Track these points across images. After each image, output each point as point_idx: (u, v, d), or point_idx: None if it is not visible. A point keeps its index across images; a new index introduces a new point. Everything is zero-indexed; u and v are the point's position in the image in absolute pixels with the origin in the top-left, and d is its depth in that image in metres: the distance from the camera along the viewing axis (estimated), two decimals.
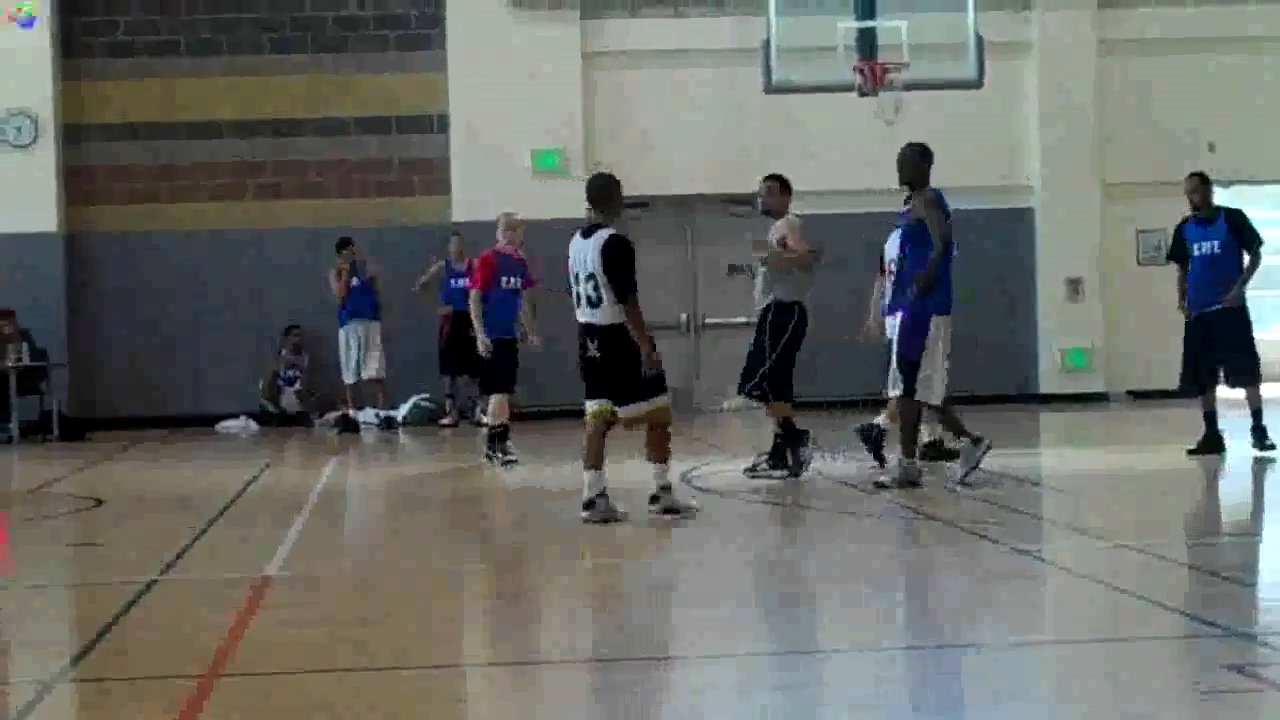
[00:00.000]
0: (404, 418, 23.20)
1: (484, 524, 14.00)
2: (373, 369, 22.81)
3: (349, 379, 22.79)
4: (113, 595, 10.13)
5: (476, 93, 23.80)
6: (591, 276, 12.29)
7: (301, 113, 24.08)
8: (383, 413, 22.95)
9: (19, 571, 11.60)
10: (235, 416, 23.25)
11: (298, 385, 23.72)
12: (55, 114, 23.69)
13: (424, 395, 23.27)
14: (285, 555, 11.40)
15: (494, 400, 17.19)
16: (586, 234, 12.51)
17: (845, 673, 7.76)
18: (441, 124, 24.00)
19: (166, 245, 23.85)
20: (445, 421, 22.97)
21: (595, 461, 12.36)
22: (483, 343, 16.73)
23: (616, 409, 12.35)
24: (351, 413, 22.76)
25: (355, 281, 22.81)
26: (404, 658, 8.19)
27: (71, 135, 23.95)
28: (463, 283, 23.16)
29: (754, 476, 14.79)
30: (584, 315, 12.41)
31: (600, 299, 12.29)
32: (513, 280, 17.16)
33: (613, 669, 7.89)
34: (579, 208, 23.56)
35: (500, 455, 16.92)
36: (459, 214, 23.71)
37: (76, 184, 23.99)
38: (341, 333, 22.85)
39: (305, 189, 24.08)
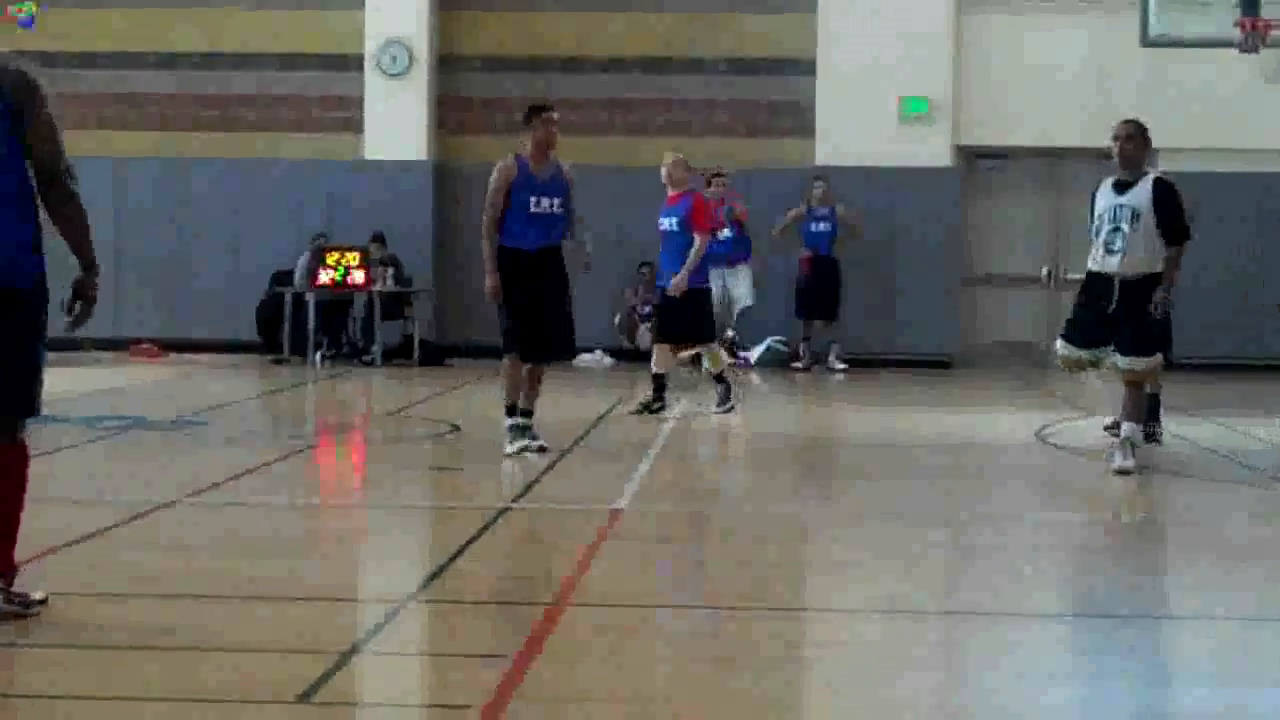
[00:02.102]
0: (757, 359, 23.22)
1: (838, 469, 13.94)
2: (738, 307, 22.78)
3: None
4: (466, 520, 10.31)
5: (846, 37, 23.62)
6: (1120, 226, 12.20)
7: (671, 51, 24.18)
8: (743, 354, 22.99)
9: (379, 491, 11.88)
10: (590, 350, 23.48)
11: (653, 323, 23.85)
12: (429, 44, 24.14)
13: (778, 338, 23.25)
14: (635, 490, 11.48)
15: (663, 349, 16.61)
16: (1121, 187, 12.35)
17: None
18: (809, 67, 23.88)
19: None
20: (798, 365, 22.94)
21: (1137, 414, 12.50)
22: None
23: (1118, 358, 12.27)
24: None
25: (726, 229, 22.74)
26: (743, 598, 8.17)
27: (444, 65, 24.40)
28: (822, 226, 23.12)
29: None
30: (1103, 265, 12.22)
31: (1127, 247, 12.15)
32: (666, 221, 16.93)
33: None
34: (943, 156, 23.65)
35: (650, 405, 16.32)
36: (822, 158, 23.60)
37: (447, 114, 24.44)
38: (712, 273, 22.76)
39: (671, 127, 24.17)
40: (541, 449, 12.82)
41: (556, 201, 13.05)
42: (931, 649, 7.36)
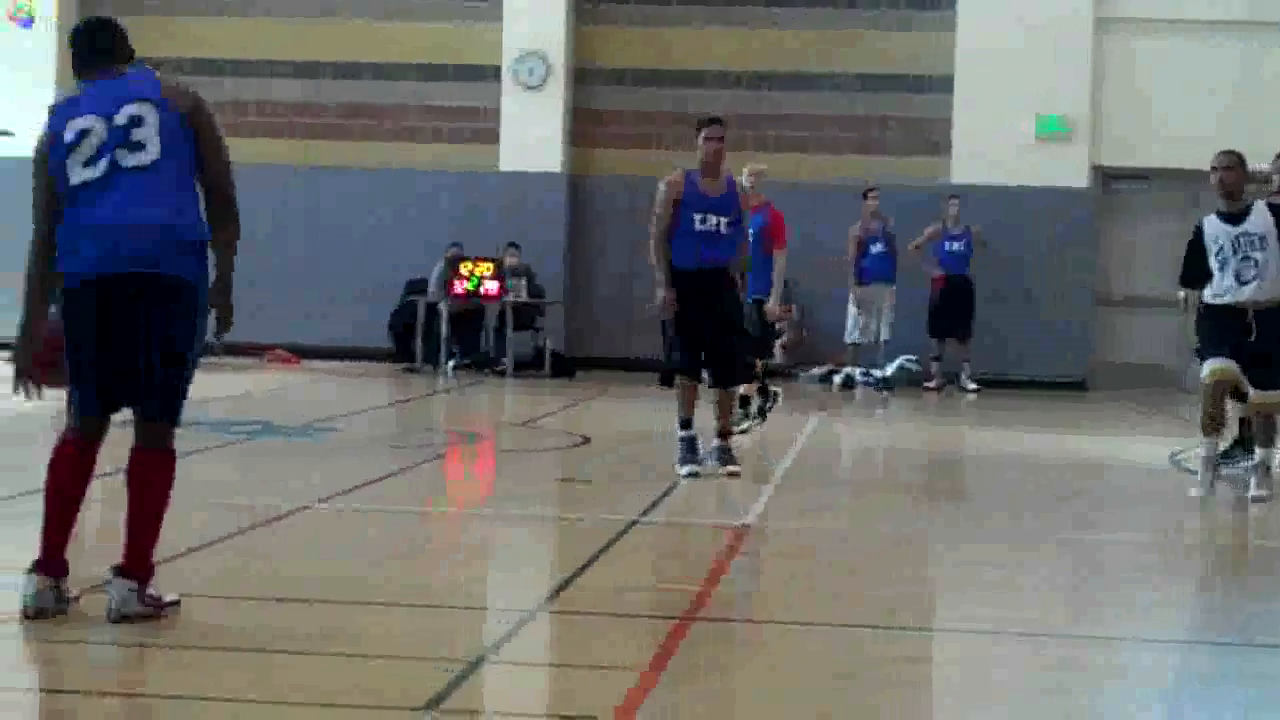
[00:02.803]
0: (890, 378, 23.10)
1: (968, 489, 13.84)
2: (884, 332, 22.65)
3: (856, 339, 22.65)
4: (596, 532, 10.31)
5: (984, 54, 23.46)
6: (1250, 255, 12.04)
7: (805, 66, 24.11)
8: (876, 373, 22.89)
9: (508, 501, 11.91)
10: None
11: (784, 338, 23.79)
12: (566, 57, 24.22)
13: (910, 356, 23.11)
14: (763, 506, 11.44)
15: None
16: (1232, 218, 12.21)
17: None
18: (945, 85, 23.74)
19: None
20: (930, 385, 22.79)
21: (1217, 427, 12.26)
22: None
23: (1253, 391, 12.09)
24: (850, 370, 22.67)
25: (878, 244, 22.64)
26: (870, 616, 8.11)
27: (580, 78, 24.47)
28: (957, 246, 22.97)
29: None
30: (1236, 296, 12.08)
31: (1260, 275, 12.03)
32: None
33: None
34: (1081, 176, 23.43)
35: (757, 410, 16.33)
36: (957, 176, 23.46)
37: (581, 126, 24.51)
38: (857, 292, 22.65)
39: (802, 143, 24.11)
40: (732, 474, 12.39)
41: (724, 220, 12.46)
42: (1057, 672, 7.26)
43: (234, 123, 24.65)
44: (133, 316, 7.17)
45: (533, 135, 24.16)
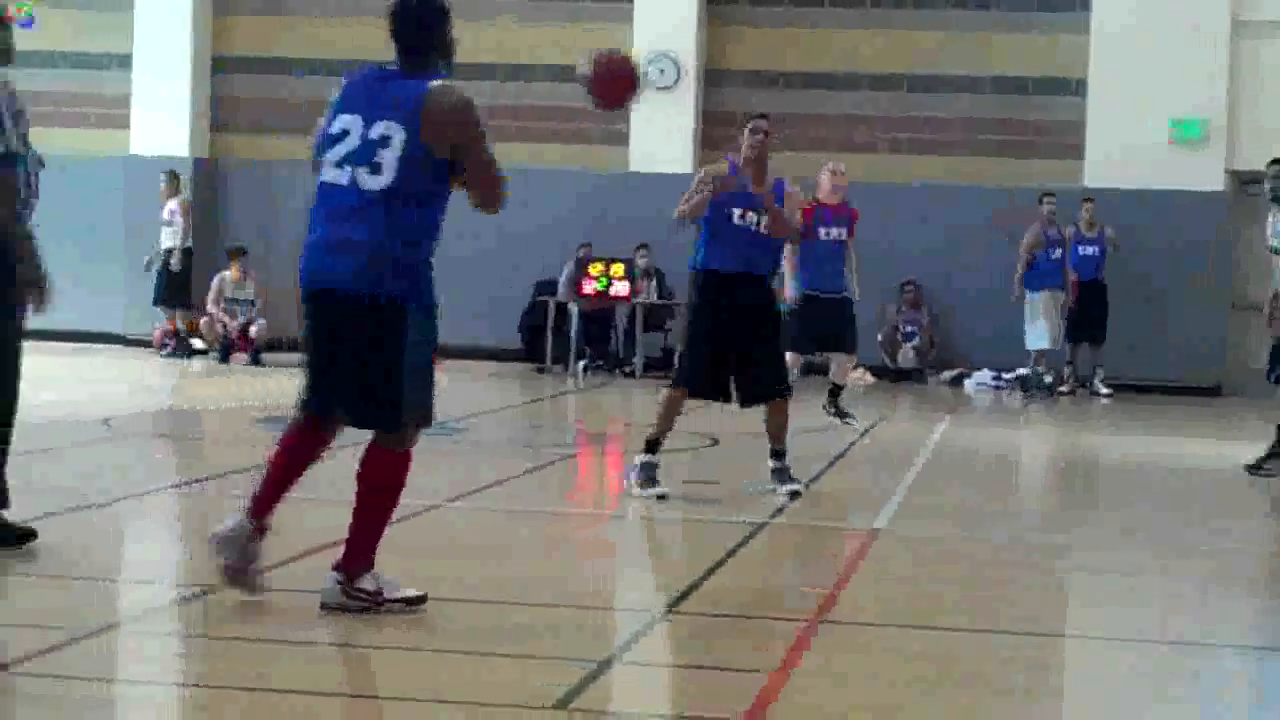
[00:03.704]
0: (1020, 381, 22.95)
1: (1100, 494, 13.74)
2: (1055, 338, 22.48)
3: (1038, 346, 22.48)
4: (725, 533, 10.32)
5: (1119, 57, 23.24)
6: None
7: (936, 68, 23.99)
8: (1007, 376, 22.76)
9: (637, 502, 11.92)
10: (859, 368, 23.32)
11: (916, 341, 23.71)
12: (697, 58, 24.23)
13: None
14: (893, 510, 11.40)
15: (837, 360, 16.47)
16: None
17: None
18: (1079, 88, 23.55)
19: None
20: (1063, 389, 22.60)
21: None
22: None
23: None
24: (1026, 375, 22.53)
25: (1056, 250, 22.46)
26: (1000, 621, 8.07)
27: (710, 79, 24.48)
28: (1091, 250, 22.76)
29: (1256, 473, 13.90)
30: None
31: None
32: (834, 231, 16.34)
33: None
34: (1216, 180, 23.17)
35: (836, 411, 16.34)
36: (1090, 180, 23.26)
37: (712, 127, 24.49)
38: (1032, 297, 22.49)
39: (933, 146, 24.00)
40: (794, 494, 11.51)
41: (763, 221, 11.56)
42: (1187, 682, 7.20)
43: None
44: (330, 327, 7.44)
45: (663, 136, 24.19)
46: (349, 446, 7.69)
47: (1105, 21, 23.30)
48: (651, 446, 11.46)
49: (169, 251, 23.69)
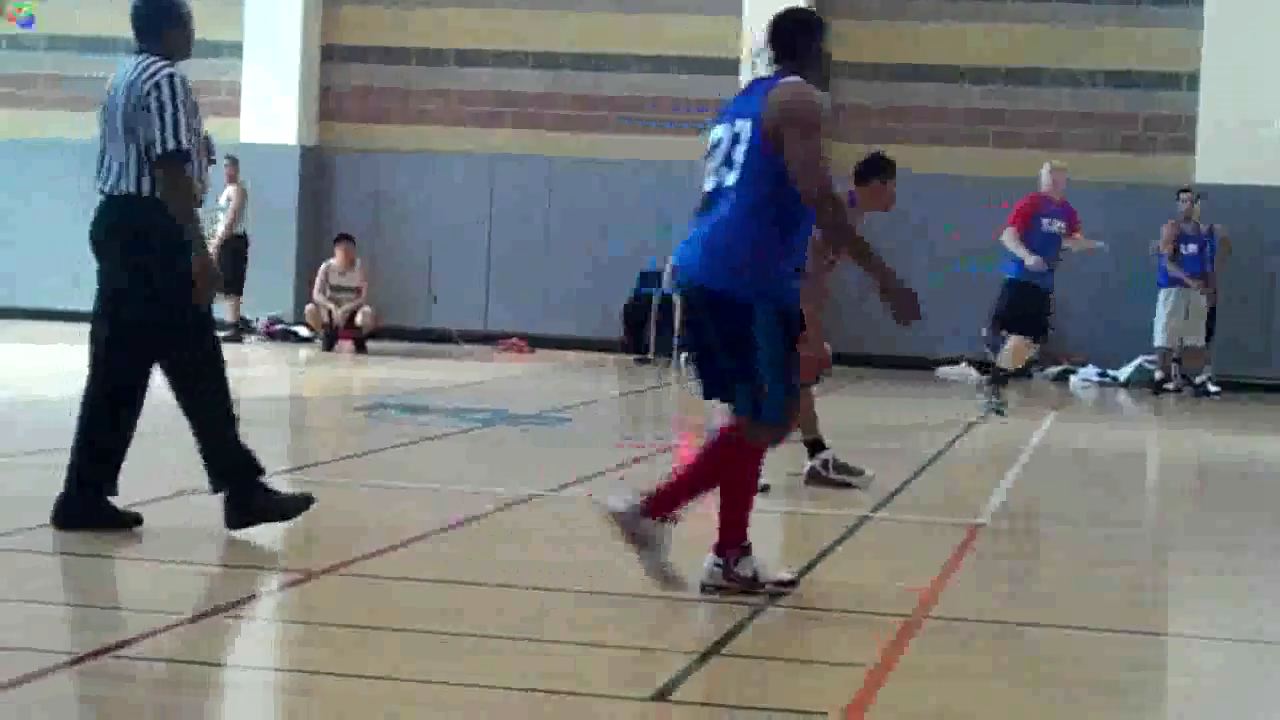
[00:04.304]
0: (1127, 378, 22.77)
1: (1204, 492, 13.60)
2: (1196, 339, 22.26)
3: (1161, 343, 22.28)
4: (826, 526, 10.29)
5: (1232, 52, 22.98)
6: None
7: (1044, 62, 23.81)
8: (1111, 371, 22.58)
9: None
10: (955, 363, 23.23)
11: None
12: None
13: (1149, 357, 22.72)
14: (997, 505, 11.33)
15: (1013, 340, 16.98)
16: None
17: None
18: (1191, 82, 23.31)
19: (900, 188, 23.94)
20: (1169, 386, 22.38)
21: None
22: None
23: None
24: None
25: (1190, 245, 22.25)
26: (1099, 620, 7.99)
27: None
28: (1191, 248, 22.48)
29: None
30: None
31: None
32: (1056, 224, 17.12)
33: None
34: None
35: (995, 400, 16.63)
36: (1202, 175, 23.01)
37: None
38: (1162, 294, 22.31)
39: (1042, 140, 23.80)
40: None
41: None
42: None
43: (474, 113, 25.01)
44: (700, 325, 7.72)
45: None
46: (438, 440, 7.70)
47: (1218, 13, 23.05)
48: (817, 447, 11.72)
49: (231, 239, 23.49)
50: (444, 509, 9.85)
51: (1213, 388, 22.14)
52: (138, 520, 8.80)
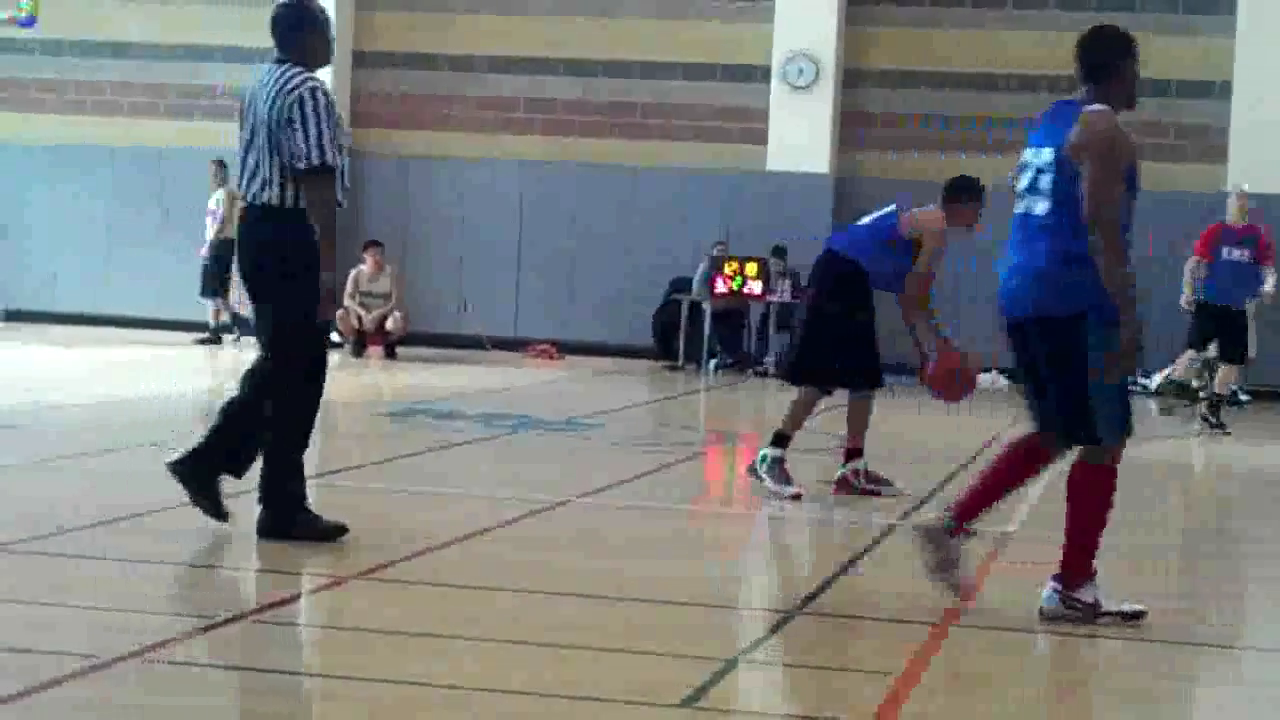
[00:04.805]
0: (1158, 387, 22.64)
1: (1232, 502, 13.54)
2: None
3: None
4: (855, 534, 10.27)
5: (1265, 60, 22.91)
6: None
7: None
8: (1141, 380, 22.46)
9: (767, 501, 11.88)
10: (987, 370, 23.12)
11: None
12: (836, 58, 24.13)
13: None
14: (1026, 513, 11.29)
15: (1223, 369, 17.87)
16: None
17: None
18: (1224, 90, 23.25)
19: (933, 195, 23.88)
20: (1201, 395, 22.21)
21: None
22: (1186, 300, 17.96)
23: None
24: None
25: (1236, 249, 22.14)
26: (1133, 629, 7.96)
27: (849, 80, 24.37)
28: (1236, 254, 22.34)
29: None
30: None
31: None
32: (1235, 252, 17.78)
33: None
34: None
35: (1213, 422, 17.48)
36: (1234, 184, 22.90)
37: (850, 128, 24.40)
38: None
39: None
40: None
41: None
42: None
43: (505, 119, 25.02)
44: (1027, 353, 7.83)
45: (800, 136, 24.12)
46: (467, 445, 7.70)
47: (1251, 23, 22.99)
48: (781, 440, 11.57)
49: (216, 244, 23.58)
50: (473, 515, 9.85)
51: (1243, 396, 22.03)
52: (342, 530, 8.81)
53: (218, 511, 8.86)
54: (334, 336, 23.78)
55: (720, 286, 22.84)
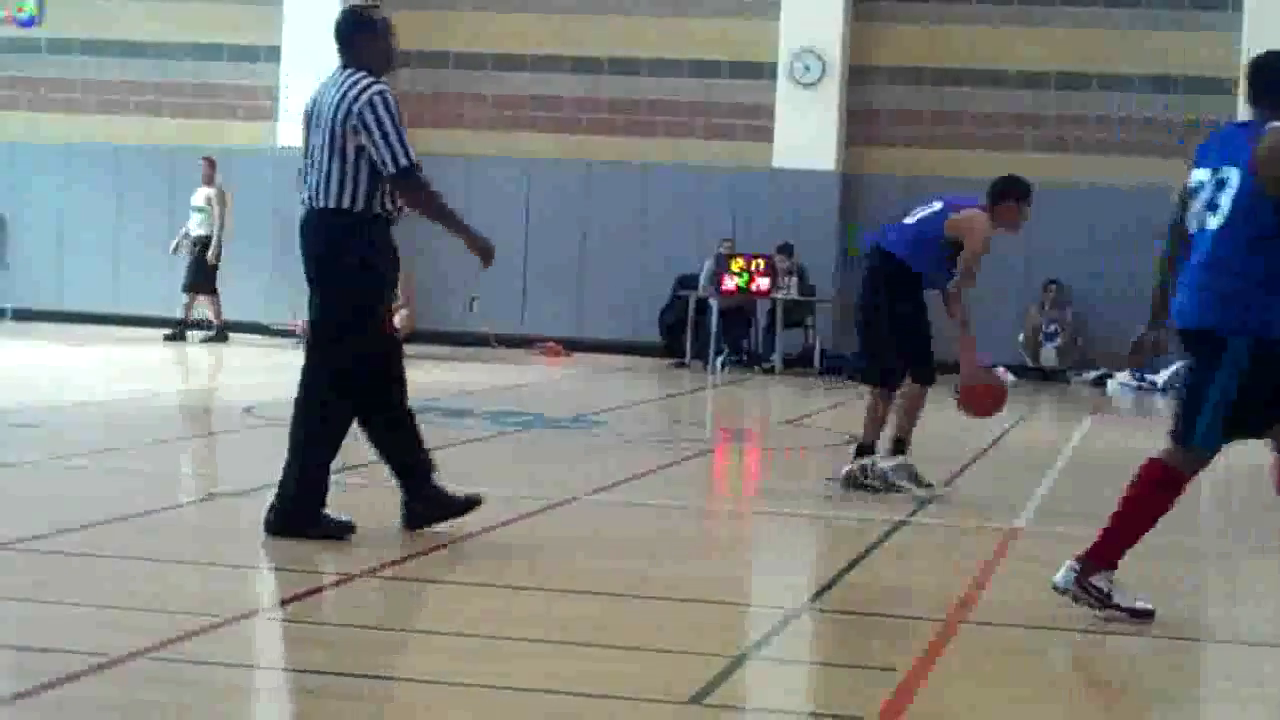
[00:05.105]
0: (1165, 382, 22.69)
1: (1243, 498, 13.54)
2: None
3: None
4: (862, 531, 10.28)
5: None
6: None
7: (1089, 67, 23.75)
8: (1150, 377, 22.52)
9: (774, 498, 11.89)
10: (994, 367, 23.14)
11: (1058, 341, 23.51)
12: (842, 55, 24.13)
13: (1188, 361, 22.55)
14: (1035, 510, 11.31)
15: None
16: None
17: None
18: (1229, 86, 23.21)
19: (938, 192, 23.91)
20: None
21: None
22: None
23: None
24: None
25: None
26: (1141, 625, 7.97)
27: (855, 76, 24.37)
28: None
29: None
30: None
31: None
32: None
33: None
34: None
35: None
36: None
37: (856, 125, 24.41)
38: None
39: (1086, 145, 23.78)
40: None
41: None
42: None
43: (511, 117, 25.03)
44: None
45: (807, 133, 24.13)
46: (479, 442, 7.70)
47: (1258, 19, 22.98)
48: (865, 451, 11.71)
49: (201, 240, 23.57)
50: (485, 512, 9.86)
51: None
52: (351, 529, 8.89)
53: (449, 506, 9.07)
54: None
55: (727, 284, 22.85)
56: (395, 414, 9.09)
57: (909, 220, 11.85)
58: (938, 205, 11.81)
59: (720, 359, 23.07)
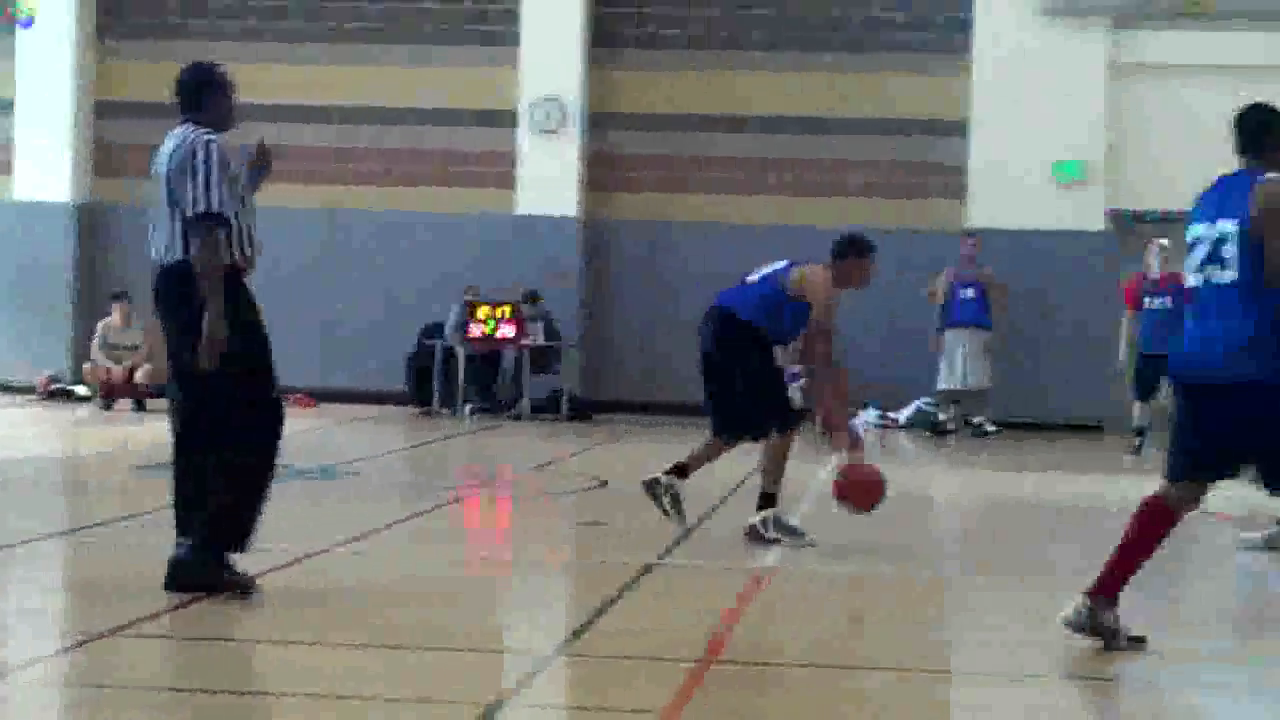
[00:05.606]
0: (905, 420, 23.09)
1: (983, 530, 13.82)
2: (981, 379, 22.49)
3: (942, 385, 22.51)
4: (613, 575, 10.32)
5: (999, 98, 23.50)
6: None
7: (827, 111, 24.13)
8: (893, 415, 22.90)
9: (525, 545, 11.91)
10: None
11: (800, 382, 23.74)
12: (582, 101, 24.27)
13: (928, 399, 23.01)
14: (781, 550, 11.43)
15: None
16: None
17: None
18: (960, 128, 23.77)
19: (682, 236, 24.21)
20: (950, 427, 22.65)
21: None
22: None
23: None
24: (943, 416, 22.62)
25: (969, 289, 22.53)
26: (889, 659, 8.11)
27: (596, 123, 24.52)
28: (969, 293, 22.82)
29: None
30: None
31: None
32: (1157, 301, 19.17)
33: None
34: (1097, 220, 23.45)
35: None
36: (977, 220, 23.47)
37: (598, 171, 24.56)
38: (943, 336, 22.54)
39: (823, 187, 24.14)
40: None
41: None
42: (1080, 715, 7.25)
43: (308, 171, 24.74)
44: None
45: (549, 179, 24.21)
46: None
47: (986, 65, 23.56)
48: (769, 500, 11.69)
49: None
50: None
51: (990, 428, 22.51)
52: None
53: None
54: (82, 390, 23.43)
55: (474, 331, 22.84)
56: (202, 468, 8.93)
57: (751, 278, 12.03)
58: (781, 264, 12.05)
59: (468, 406, 23.03)
